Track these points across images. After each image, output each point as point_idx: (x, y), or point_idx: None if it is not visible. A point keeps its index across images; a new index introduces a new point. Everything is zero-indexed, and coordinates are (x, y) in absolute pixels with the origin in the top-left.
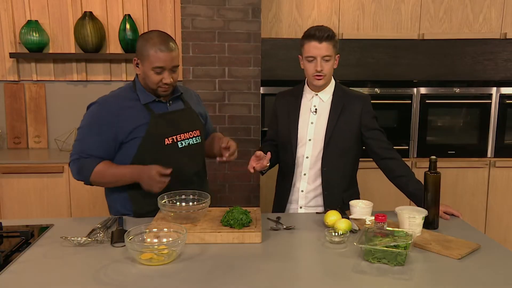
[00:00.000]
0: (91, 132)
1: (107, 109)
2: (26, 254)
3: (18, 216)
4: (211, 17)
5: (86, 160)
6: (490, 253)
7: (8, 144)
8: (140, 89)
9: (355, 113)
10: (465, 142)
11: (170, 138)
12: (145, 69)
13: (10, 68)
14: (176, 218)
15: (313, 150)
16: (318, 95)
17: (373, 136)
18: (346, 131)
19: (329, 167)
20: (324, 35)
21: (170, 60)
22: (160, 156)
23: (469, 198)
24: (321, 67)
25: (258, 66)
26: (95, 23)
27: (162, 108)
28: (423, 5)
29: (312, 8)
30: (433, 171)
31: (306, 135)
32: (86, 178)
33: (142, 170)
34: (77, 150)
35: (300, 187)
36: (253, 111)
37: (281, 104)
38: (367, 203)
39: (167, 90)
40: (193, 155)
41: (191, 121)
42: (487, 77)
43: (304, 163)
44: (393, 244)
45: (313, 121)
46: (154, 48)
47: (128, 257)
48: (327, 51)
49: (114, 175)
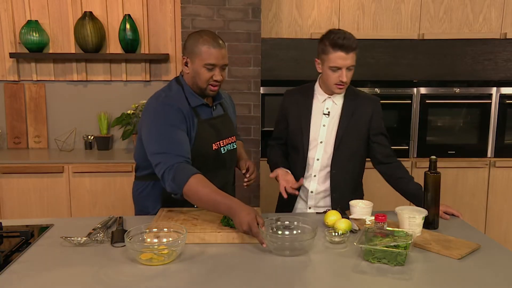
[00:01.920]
0: (173, 130)
1: (183, 110)
2: (26, 254)
3: (18, 216)
4: (211, 17)
5: (181, 166)
6: (490, 253)
7: (8, 144)
8: (189, 91)
9: (365, 116)
10: (465, 142)
11: (216, 143)
12: (196, 66)
13: (10, 68)
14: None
15: (324, 152)
16: (331, 98)
17: (378, 141)
18: (356, 134)
19: (338, 169)
20: (352, 45)
21: (222, 57)
22: (208, 162)
23: (469, 198)
24: (346, 77)
25: (258, 66)
26: (95, 23)
27: (208, 113)
28: (423, 5)
29: (312, 8)
30: (433, 171)
31: (318, 137)
32: (179, 188)
33: (240, 210)
34: (164, 156)
35: (310, 188)
36: (253, 111)
37: (291, 103)
38: (367, 203)
39: (216, 88)
40: (232, 160)
41: (229, 127)
42: (487, 77)
43: (314, 165)
44: (393, 244)
45: (325, 124)
46: (207, 45)
47: (128, 257)
48: (353, 61)
49: (209, 198)
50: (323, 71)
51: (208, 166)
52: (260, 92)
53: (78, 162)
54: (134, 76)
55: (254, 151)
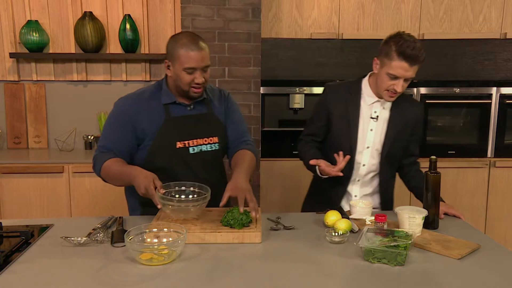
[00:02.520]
0: (112, 127)
1: (128, 106)
2: (26, 254)
3: (18, 216)
4: (211, 17)
5: (102, 154)
6: (490, 253)
7: (8, 144)
8: (165, 90)
9: (411, 122)
10: (465, 142)
11: (182, 142)
12: (176, 70)
13: (10, 68)
14: (174, 212)
15: (371, 158)
16: (380, 101)
17: (409, 146)
18: (401, 140)
19: (384, 176)
20: (420, 58)
21: (201, 60)
22: (171, 160)
23: (469, 198)
24: (402, 88)
25: (258, 66)
26: (95, 23)
27: (181, 111)
28: (423, 5)
29: (312, 8)
30: (433, 171)
31: (365, 142)
32: (97, 172)
33: (139, 174)
34: (99, 144)
35: (353, 193)
36: (253, 111)
37: (337, 100)
38: (367, 203)
39: (200, 90)
40: (206, 162)
41: (209, 127)
42: (487, 77)
43: (360, 169)
44: (393, 244)
45: (372, 128)
46: (185, 48)
47: (128, 257)
48: (414, 73)
49: (117, 172)
50: (379, 73)
51: (171, 164)
52: (260, 92)
53: (78, 162)
54: (134, 76)
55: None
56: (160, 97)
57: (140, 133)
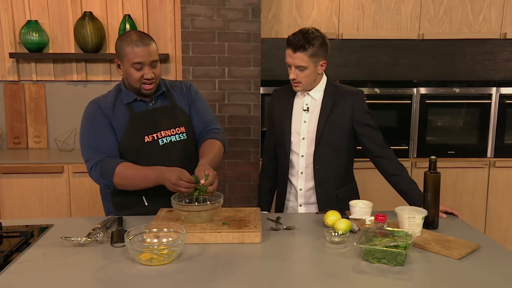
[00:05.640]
0: (96, 128)
1: (97, 106)
2: (26, 254)
3: (18, 216)
4: (211, 17)
5: (105, 161)
6: (490, 253)
7: (8, 144)
8: (124, 90)
9: (346, 109)
10: (465, 142)
11: (150, 136)
12: (125, 68)
13: (10, 68)
14: (187, 217)
15: (307, 148)
16: (309, 94)
17: (366, 134)
18: (337, 128)
19: (321, 164)
20: (297, 44)
21: (148, 55)
22: (141, 154)
23: (469, 198)
24: (295, 75)
25: (258, 66)
26: (95, 23)
27: (143, 107)
28: (423, 5)
29: (312, 8)
30: (433, 171)
31: (300, 134)
32: (109, 181)
33: (164, 175)
34: (90, 153)
35: (298, 186)
36: (253, 111)
37: (275, 102)
38: (367, 203)
39: (150, 87)
40: (176, 152)
41: (174, 118)
42: (487, 77)
43: (300, 161)
44: (393, 244)
45: (305, 120)
46: (131, 45)
47: (128, 257)
48: (301, 61)
49: (138, 175)
50: None
51: (143, 159)
52: (260, 92)
53: (78, 162)
54: None
55: (254, 151)
56: (121, 98)
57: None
